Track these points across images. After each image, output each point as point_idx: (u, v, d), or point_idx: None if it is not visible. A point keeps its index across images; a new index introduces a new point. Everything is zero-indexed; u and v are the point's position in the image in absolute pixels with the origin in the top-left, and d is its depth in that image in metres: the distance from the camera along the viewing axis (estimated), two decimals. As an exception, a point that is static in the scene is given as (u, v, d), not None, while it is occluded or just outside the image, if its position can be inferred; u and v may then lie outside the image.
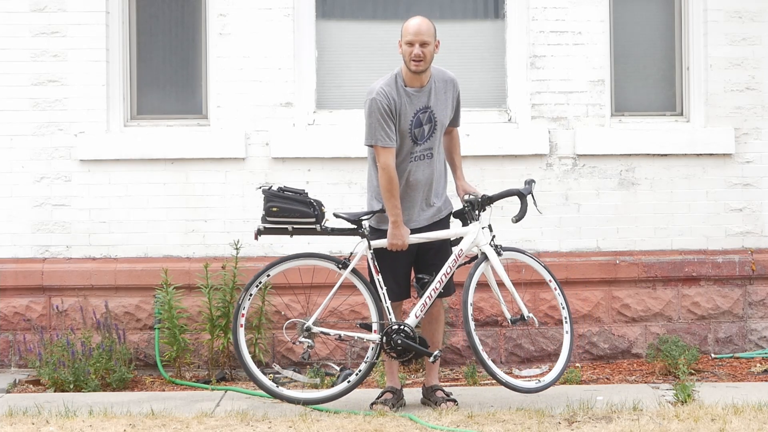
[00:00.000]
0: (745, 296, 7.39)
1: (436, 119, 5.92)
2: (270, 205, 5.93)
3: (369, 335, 5.96)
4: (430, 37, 5.80)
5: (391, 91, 5.83)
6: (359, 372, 5.98)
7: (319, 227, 5.94)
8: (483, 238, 6.01)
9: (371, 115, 5.80)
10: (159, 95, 7.54)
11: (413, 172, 5.91)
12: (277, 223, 5.94)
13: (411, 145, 5.89)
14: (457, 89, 6.03)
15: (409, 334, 5.87)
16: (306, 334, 5.96)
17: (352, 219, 5.93)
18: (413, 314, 5.94)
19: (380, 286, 5.91)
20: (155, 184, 7.31)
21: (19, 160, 7.28)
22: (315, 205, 5.94)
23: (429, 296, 5.92)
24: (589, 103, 7.42)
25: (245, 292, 6.01)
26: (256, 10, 7.32)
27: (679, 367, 6.67)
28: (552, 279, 6.19)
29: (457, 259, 5.98)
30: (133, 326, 7.18)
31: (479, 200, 6.01)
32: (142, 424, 5.56)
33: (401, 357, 5.92)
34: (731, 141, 7.42)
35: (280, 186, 6.03)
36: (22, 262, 7.24)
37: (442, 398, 5.97)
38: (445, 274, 5.93)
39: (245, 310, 6.02)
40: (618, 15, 7.58)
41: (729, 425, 5.34)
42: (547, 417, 5.62)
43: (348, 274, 5.94)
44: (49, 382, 6.68)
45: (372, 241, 5.91)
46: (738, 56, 7.42)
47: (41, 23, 7.25)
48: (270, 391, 6.00)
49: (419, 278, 5.97)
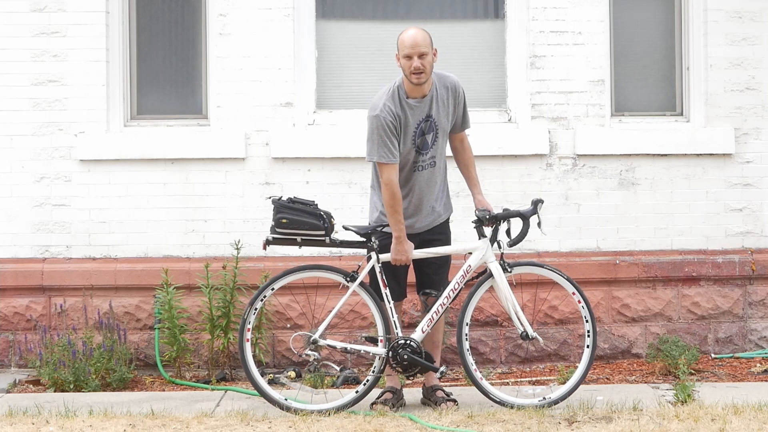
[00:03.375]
0: (745, 296, 7.39)
1: (437, 127, 5.90)
2: (280, 217, 5.89)
3: (375, 349, 5.91)
4: (427, 48, 5.76)
5: (394, 105, 5.81)
6: (367, 381, 5.91)
7: (328, 239, 5.90)
8: (491, 255, 5.95)
9: (374, 132, 5.78)
10: (159, 95, 7.54)
11: (419, 183, 5.91)
12: (286, 234, 5.92)
13: (415, 156, 5.88)
14: (460, 93, 5.96)
15: (415, 349, 5.84)
16: (312, 347, 5.92)
17: (362, 232, 5.91)
18: (419, 329, 5.90)
19: (387, 300, 5.89)
20: (155, 184, 7.31)
21: (19, 160, 7.28)
22: (324, 217, 5.89)
23: (436, 311, 5.90)
24: (589, 103, 7.42)
25: (250, 306, 5.94)
26: (256, 10, 7.32)
27: (679, 367, 6.67)
28: (576, 291, 6.04)
29: (465, 275, 5.94)
30: (133, 326, 7.18)
31: (487, 217, 5.94)
32: (142, 424, 5.56)
33: (407, 372, 5.89)
34: (731, 141, 7.42)
35: (290, 197, 5.97)
36: (22, 262, 7.24)
37: (442, 398, 5.97)
38: (452, 290, 5.91)
39: (251, 324, 5.94)
40: (618, 15, 7.58)
41: (729, 425, 5.34)
42: (547, 417, 5.62)
43: (356, 287, 5.90)
44: (49, 382, 6.68)
45: (381, 255, 5.88)
46: (738, 56, 7.42)
47: (41, 23, 7.25)
48: (279, 404, 5.88)
49: (426, 293, 5.95)
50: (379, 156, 5.77)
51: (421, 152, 5.89)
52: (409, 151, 5.88)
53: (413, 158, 5.89)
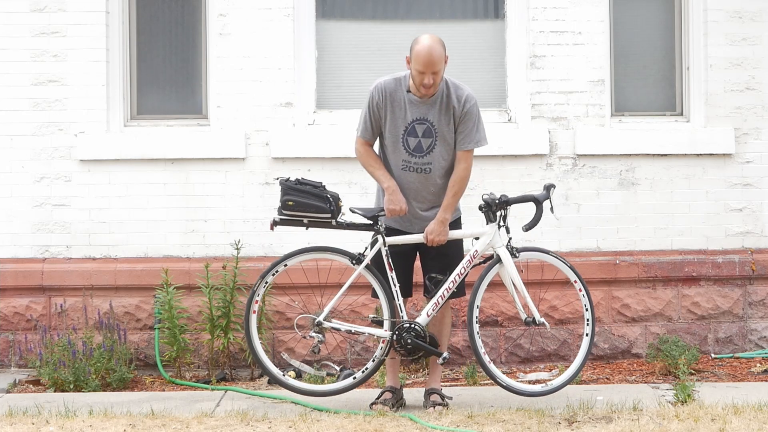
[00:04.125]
0: (745, 296, 7.39)
1: (437, 134, 5.85)
2: (286, 199, 5.91)
3: (380, 331, 5.90)
4: (440, 65, 5.71)
5: (391, 89, 5.83)
6: (365, 370, 5.93)
7: (335, 222, 5.92)
8: (499, 240, 5.93)
9: (363, 105, 5.92)
10: (159, 95, 7.54)
11: (405, 183, 5.88)
12: (292, 216, 5.95)
13: (405, 154, 5.86)
14: (466, 106, 5.82)
15: (420, 333, 5.84)
16: (317, 328, 5.93)
17: (369, 215, 5.91)
18: (425, 313, 5.90)
19: (393, 284, 5.87)
20: (155, 184, 7.31)
21: (19, 160, 7.28)
22: (331, 200, 5.90)
23: (442, 296, 5.88)
24: (589, 103, 7.42)
25: (261, 279, 5.96)
26: (256, 10, 7.32)
27: (679, 367, 6.67)
28: (578, 280, 6.06)
29: (472, 260, 5.93)
30: (133, 326, 7.18)
31: (496, 201, 5.93)
32: (142, 424, 5.56)
33: (411, 355, 5.89)
34: (731, 141, 7.42)
35: (297, 178, 6.00)
36: (22, 262, 7.24)
37: (432, 402, 5.93)
38: (458, 275, 5.90)
39: (259, 296, 5.97)
40: (618, 15, 7.58)
41: (729, 425, 5.34)
42: (547, 417, 5.62)
43: (362, 270, 5.90)
44: (49, 382, 6.67)
45: (387, 238, 5.89)
46: (738, 56, 7.42)
47: (41, 23, 7.25)
48: (276, 379, 5.93)
49: (432, 277, 5.92)
50: (360, 130, 5.94)
51: (412, 154, 5.85)
52: (396, 145, 5.85)
53: (403, 156, 5.87)
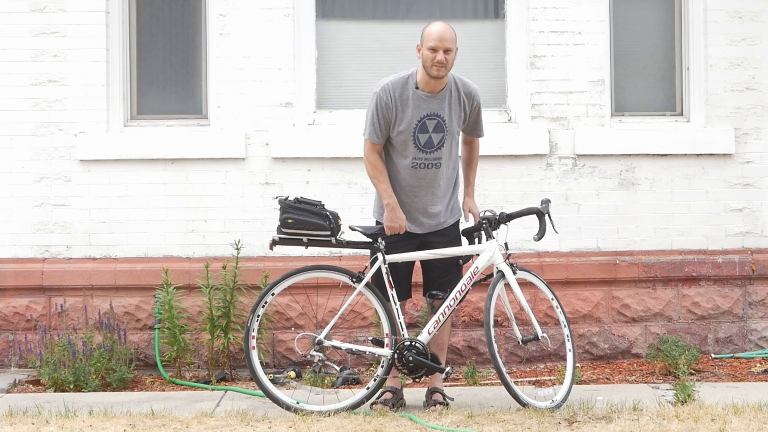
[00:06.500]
0: (745, 296, 7.39)
1: (447, 129, 5.86)
2: (285, 217, 5.87)
3: (381, 350, 5.87)
4: (452, 44, 5.78)
5: (398, 89, 5.81)
6: (368, 388, 5.87)
7: (334, 240, 5.88)
8: (499, 256, 5.93)
9: (370, 108, 5.86)
10: (159, 95, 7.54)
11: (414, 178, 5.88)
12: (292, 234, 5.91)
13: (415, 151, 5.85)
14: (476, 101, 5.94)
15: (421, 351, 5.81)
16: (317, 348, 5.90)
17: (368, 233, 5.88)
18: (426, 331, 5.86)
19: (394, 302, 5.85)
20: (155, 184, 7.31)
21: (19, 160, 7.28)
22: (331, 218, 5.86)
23: (443, 313, 5.86)
24: (589, 103, 7.42)
25: (252, 313, 5.87)
26: (256, 10, 7.32)
27: (679, 367, 6.67)
28: (554, 298, 6.13)
29: (473, 277, 5.90)
30: (133, 326, 7.18)
31: (497, 218, 5.93)
32: (142, 424, 5.56)
33: (412, 373, 5.86)
34: (731, 141, 7.42)
35: (296, 197, 5.95)
36: (22, 262, 7.24)
37: (434, 401, 5.93)
38: (459, 292, 5.88)
39: (255, 332, 5.88)
40: (618, 15, 7.58)
41: (729, 425, 5.33)
42: (547, 417, 5.62)
43: (362, 288, 5.86)
44: (49, 382, 6.67)
45: (387, 256, 5.87)
46: (738, 56, 7.42)
47: (41, 23, 7.25)
48: (291, 408, 5.82)
49: (433, 294, 5.90)
50: (368, 132, 5.87)
51: (423, 149, 5.85)
52: (406, 143, 5.85)
53: (413, 153, 5.86)
